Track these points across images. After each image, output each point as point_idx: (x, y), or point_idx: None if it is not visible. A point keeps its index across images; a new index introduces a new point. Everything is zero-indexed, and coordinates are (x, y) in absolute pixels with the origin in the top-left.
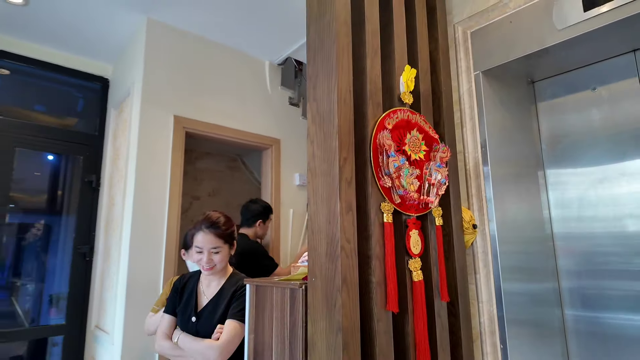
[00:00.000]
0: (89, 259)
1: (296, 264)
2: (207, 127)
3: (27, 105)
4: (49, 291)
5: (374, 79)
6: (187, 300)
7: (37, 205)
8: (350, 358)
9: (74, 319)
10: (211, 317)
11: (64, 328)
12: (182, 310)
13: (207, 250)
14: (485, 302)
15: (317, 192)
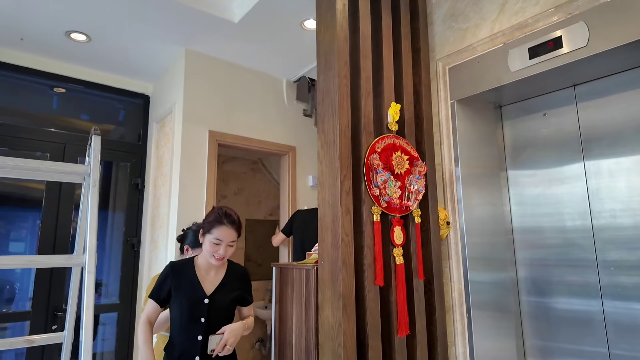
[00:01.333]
0: (137, 249)
1: (311, 253)
2: (236, 138)
3: (76, 115)
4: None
5: (367, 114)
6: (191, 284)
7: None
8: (347, 315)
9: (126, 299)
10: (226, 299)
11: (118, 306)
12: (185, 293)
13: (225, 243)
14: (456, 281)
15: (325, 199)
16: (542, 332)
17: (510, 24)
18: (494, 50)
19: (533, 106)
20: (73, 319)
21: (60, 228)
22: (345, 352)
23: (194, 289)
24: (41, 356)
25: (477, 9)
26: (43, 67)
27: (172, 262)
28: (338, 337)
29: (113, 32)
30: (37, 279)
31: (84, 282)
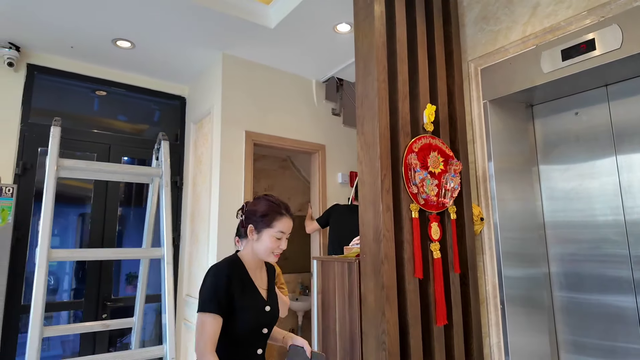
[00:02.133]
0: (177, 243)
1: (348, 247)
2: (270, 138)
3: (113, 116)
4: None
5: (404, 116)
6: (250, 290)
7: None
8: (390, 305)
9: None
10: (277, 303)
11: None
12: (249, 302)
13: (286, 236)
14: (490, 275)
15: (366, 197)
16: (575, 328)
17: (543, 26)
18: (526, 52)
19: (564, 105)
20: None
21: (108, 223)
22: (389, 339)
23: (255, 296)
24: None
25: (509, 12)
26: (89, 72)
27: (224, 267)
28: (382, 325)
29: (155, 39)
30: (88, 272)
31: (164, 272)
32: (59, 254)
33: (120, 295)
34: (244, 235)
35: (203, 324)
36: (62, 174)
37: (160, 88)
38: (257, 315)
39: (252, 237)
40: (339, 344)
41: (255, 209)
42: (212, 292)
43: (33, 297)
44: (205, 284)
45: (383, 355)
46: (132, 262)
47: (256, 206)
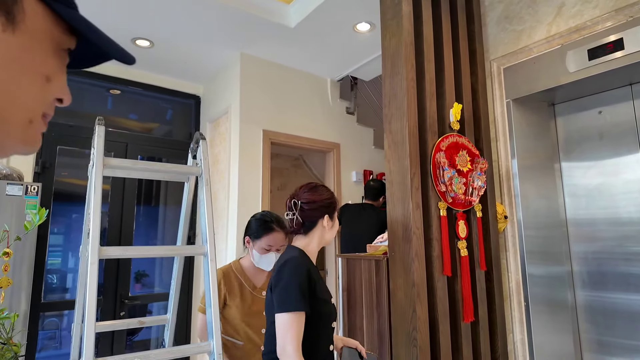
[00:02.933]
0: (193, 241)
1: (372, 245)
2: (286, 137)
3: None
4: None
5: (432, 114)
6: (322, 283)
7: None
8: (421, 302)
9: (183, 288)
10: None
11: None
12: (325, 295)
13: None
14: (513, 272)
15: (394, 195)
16: (598, 327)
17: (568, 26)
18: (551, 51)
19: (587, 104)
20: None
21: (125, 222)
22: (420, 336)
23: (326, 288)
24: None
25: (532, 12)
26: (106, 71)
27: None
28: (413, 321)
29: (174, 38)
30: (106, 270)
31: (208, 268)
32: (109, 252)
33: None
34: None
35: (290, 323)
36: (106, 173)
37: (176, 87)
38: (333, 309)
39: (326, 225)
40: (366, 341)
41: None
42: (297, 289)
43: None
44: (284, 281)
45: (414, 352)
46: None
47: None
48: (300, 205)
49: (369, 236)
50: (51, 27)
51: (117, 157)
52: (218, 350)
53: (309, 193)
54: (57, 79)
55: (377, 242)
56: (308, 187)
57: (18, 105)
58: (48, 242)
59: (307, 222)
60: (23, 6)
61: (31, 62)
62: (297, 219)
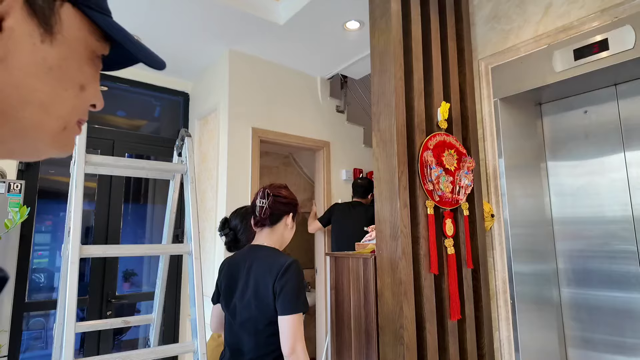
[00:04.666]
0: (180, 239)
1: (360, 243)
2: (276, 135)
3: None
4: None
5: (420, 113)
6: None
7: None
8: (407, 300)
9: (171, 288)
10: None
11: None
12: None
13: None
14: (500, 271)
15: (382, 194)
16: (582, 323)
17: (555, 26)
18: (538, 51)
19: (573, 104)
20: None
21: (112, 220)
22: (407, 334)
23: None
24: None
25: (521, 12)
26: None
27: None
28: (399, 320)
29: (161, 33)
30: (92, 269)
31: (192, 267)
32: (90, 250)
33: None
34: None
35: (299, 324)
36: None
37: (164, 84)
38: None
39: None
40: (354, 339)
41: (291, 197)
42: (303, 291)
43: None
44: (292, 284)
45: (401, 350)
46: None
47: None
48: (272, 196)
49: (359, 234)
50: (87, 35)
51: (104, 154)
52: (202, 349)
53: (281, 189)
54: (91, 86)
55: (366, 240)
56: (278, 185)
57: (53, 114)
58: (33, 241)
59: (275, 213)
60: (60, 16)
61: (68, 71)
62: (267, 208)
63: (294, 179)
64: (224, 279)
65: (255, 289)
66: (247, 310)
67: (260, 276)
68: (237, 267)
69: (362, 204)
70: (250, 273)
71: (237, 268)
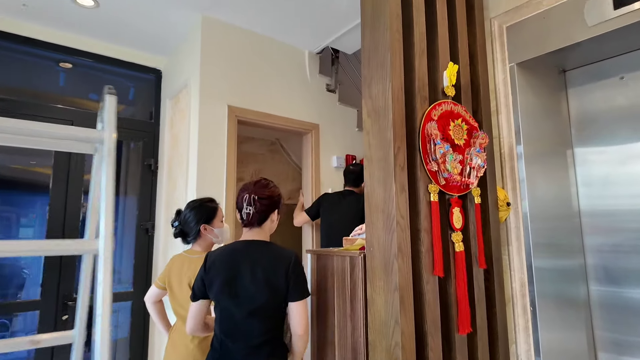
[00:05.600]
0: (151, 233)
1: (349, 238)
2: (256, 115)
3: (83, 94)
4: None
5: (421, 76)
6: None
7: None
8: (405, 310)
9: (140, 286)
10: None
11: (132, 294)
12: None
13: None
14: (517, 270)
15: (374, 175)
16: (615, 324)
17: None
18: (565, 2)
19: (606, 69)
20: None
21: (69, 213)
22: (404, 354)
23: None
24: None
25: None
26: (48, 37)
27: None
28: (395, 335)
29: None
30: (46, 265)
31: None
32: None
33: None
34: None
35: (306, 307)
36: None
37: (134, 59)
38: None
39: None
40: (337, 357)
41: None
42: (306, 279)
43: None
44: (301, 274)
45: None
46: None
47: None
48: (258, 200)
49: (351, 227)
50: None
51: None
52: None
53: (265, 189)
54: None
55: (355, 234)
56: (261, 184)
57: None
58: None
59: (262, 215)
60: None
61: None
62: (255, 213)
63: (282, 167)
64: (221, 272)
65: (266, 280)
66: (258, 299)
67: (270, 268)
68: (236, 261)
69: (354, 194)
70: (256, 265)
71: (236, 262)
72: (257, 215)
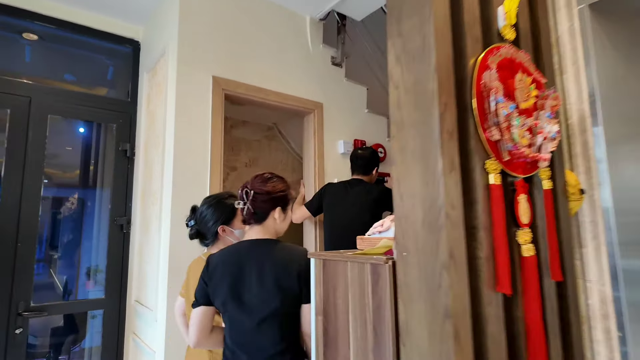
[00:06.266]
0: (126, 231)
1: (365, 237)
2: (247, 89)
3: (58, 76)
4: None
5: (472, 9)
6: None
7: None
8: (462, 348)
9: (113, 293)
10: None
11: (103, 302)
12: None
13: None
14: (595, 280)
15: (407, 147)
16: None
17: None
18: None
19: None
20: None
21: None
22: None
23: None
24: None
25: None
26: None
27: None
28: None
29: None
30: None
31: None
32: None
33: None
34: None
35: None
36: None
37: (109, 28)
38: None
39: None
40: None
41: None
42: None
43: None
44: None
45: None
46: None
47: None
48: (252, 195)
49: (360, 223)
50: None
51: (17, 116)
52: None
53: (262, 184)
54: None
55: (374, 232)
56: (262, 178)
57: None
58: None
59: (258, 212)
60: None
61: None
62: (249, 208)
63: (280, 155)
64: (225, 277)
65: (277, 283)
66: (269, 305)
67: (281, 268)
68: (241, 264)
69: (362, 183)
70: (264, 267)
71: (242, 264)
72: (251, 211)
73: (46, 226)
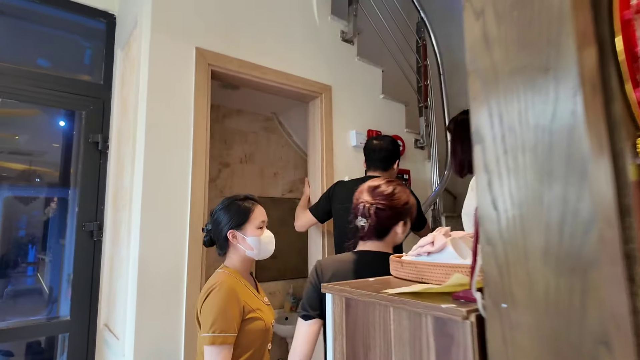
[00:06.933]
0: (97, 238)
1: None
2: (240, 65)
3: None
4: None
5: None
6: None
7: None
8: None
9: (81, 313)
10: None
11: (68, 324)
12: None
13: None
14: None
15: (502, 117)
16: None
17: None
18: None
19: None
20: None
21: None
22: None
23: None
24: None
25: None
26: None
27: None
28: None
29: None
30: None
31: None
32: None
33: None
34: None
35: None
36: None
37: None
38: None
39: (399, 232)
40: None
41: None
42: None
43: None
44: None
45: None
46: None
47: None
48: (375, 211)
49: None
50: None
51: None
52: None
53: (385, 198)
54: None
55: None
56: (383, 190)
57: None
58: None
59: (380, 229)
60: None
61: None
62: (371, 226)
63: (280, 150)
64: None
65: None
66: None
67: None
68: (361, 275)
69: None
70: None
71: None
72: (372, 228)
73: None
